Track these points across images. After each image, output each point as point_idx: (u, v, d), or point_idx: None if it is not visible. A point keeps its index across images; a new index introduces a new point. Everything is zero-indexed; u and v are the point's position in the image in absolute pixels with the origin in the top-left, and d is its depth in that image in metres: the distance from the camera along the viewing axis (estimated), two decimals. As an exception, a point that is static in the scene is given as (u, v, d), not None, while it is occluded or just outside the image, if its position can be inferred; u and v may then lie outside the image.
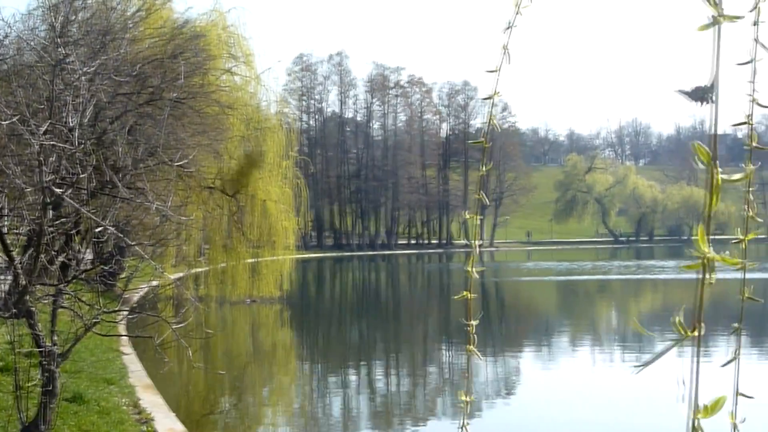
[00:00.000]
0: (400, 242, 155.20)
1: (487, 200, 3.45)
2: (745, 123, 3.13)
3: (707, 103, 1.35)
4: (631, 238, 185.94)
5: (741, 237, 3.25)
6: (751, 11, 2.97)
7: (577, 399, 23.39)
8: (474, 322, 3.38)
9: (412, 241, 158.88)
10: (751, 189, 3.25)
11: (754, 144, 3.24)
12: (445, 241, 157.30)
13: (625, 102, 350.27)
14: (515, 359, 32.63)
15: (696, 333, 1.31)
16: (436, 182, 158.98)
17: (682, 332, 1.33)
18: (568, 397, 23.83)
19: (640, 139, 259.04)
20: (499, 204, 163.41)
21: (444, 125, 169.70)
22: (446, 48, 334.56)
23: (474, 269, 3.45)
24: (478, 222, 3.48)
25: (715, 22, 1.29)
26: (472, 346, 3.37)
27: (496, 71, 3.26)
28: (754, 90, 3.05)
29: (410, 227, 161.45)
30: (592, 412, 21.47)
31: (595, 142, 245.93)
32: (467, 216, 3.49)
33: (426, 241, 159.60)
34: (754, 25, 2.98)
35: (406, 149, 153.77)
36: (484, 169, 3.50)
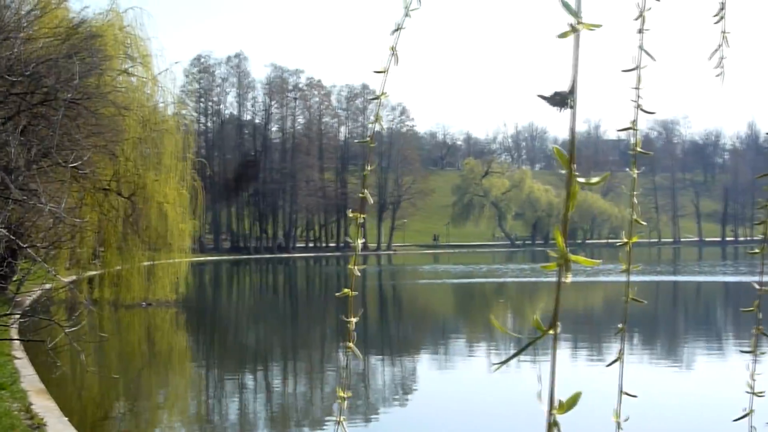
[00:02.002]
0: (298, 245, 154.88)
1: (371, 199, 3.50)
2: (629, 128, 3.23)
3: (567, 108, 1.40)
4: (527, 242, 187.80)
5: (626, 240, 3.35)
6: (635, 19, 3.07)
7: (471, 399, 23.57)
8: (354, 319, 3.43)
9: (310, 244, 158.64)
10: (636, 193, 3.35)
11: (638, 149, 3.34)
12: (343, 244, 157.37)
13: (521, 107, 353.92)
14: (410, 361, 32.84)
15: (553, 331, 1.37)
16: (335, 185, 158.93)
17: (541, 330, 1.38)
18: (461, 397, 24.01)
19: (536, 143, 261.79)
20: (397, 207, 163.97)
21: (343, 128, 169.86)
22: (345, 51, 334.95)
23: (356, 268, 3.50)
24: (362, 221, 3.53)
25: (573, 29, 1.35)
26: (351, 344, 3.41)
27: (383, 72, 3.31)
28: (638, 96, 3.15)
29: (308, 230, 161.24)
30: (484, 412, 21.66)
31: (492, 146, 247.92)
32: (351, 215, 3.54)
33: (324, 244, 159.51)
34: (639, 33, 3.08)
35: (304, 152, 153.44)
36: (368, 168, 3.54)
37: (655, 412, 19.65)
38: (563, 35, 1.38)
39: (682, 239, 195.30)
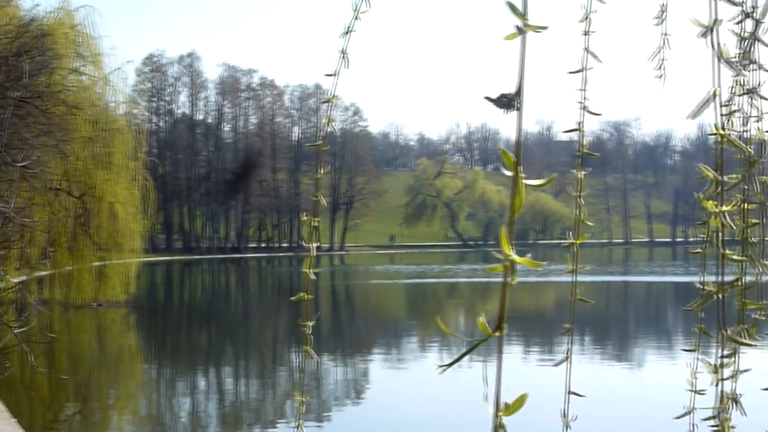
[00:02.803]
0: (250, 245, 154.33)
1: (324, 202, 3.52)
2: (576, 130, 3.26)
3: (513, 110, 1.41)
4: (479, 242, 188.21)
5: (573, 240, 3.38)
6: (581, 21, 3.10)
7: (422, 399, 23.61)
8: (310, 323, 3.43)
9: (263, 245, 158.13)
10: (583, 194, 3.38)
11: (585, 150, 3.37)
12: (295, 245, 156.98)
13: (474, 108, 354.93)
14: (362, 361, 32.86)
15: (499, 333, 1.38)
16: (287, 186, 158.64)
17: (486, 332, 1.39)
18: (412, 398, 24.05)
19: (489, 144, 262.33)
20: (350, 208, 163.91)
21: (296, 128, 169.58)
22: (299, 51, 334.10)
23: (311, 270, 3.51)
24: (316, 224, 3.54)
25: (520, 31, 1.36)
26: (307, 347, 3.42)
27: (334, 75, 3.32)
28: (584, 98, 3.18)
29: (261, 230, 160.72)
30: (438, 411, 21.71)
31: (445, 146, 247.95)
32: (304, 218, 3.55)
33: (277, 245, 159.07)
34: (585, 35, 3.11)
35: (257, 152, 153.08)
36: (321, 171, 3.56)
37: (602, 412, 19.80)
38: (510, 37, 1.39)
39: (632, 240, 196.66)
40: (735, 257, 1.81)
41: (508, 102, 1.44)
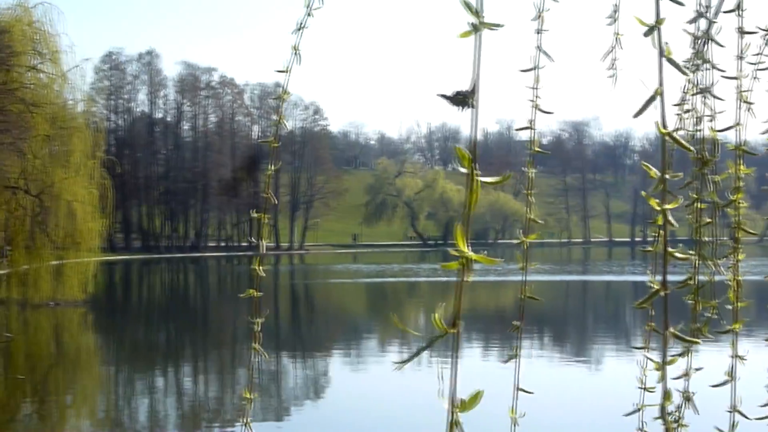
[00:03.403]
0: (209, 244, 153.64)
1: (275, 199, 3.51)
2: (527, 128, 3.27)
3: (468, 108, 1.41)
4: (439, 242, 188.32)
5: (523, 239, 3.39)
6: (533, 20, 3.10)
7: (381, 397, 23.64)
8: (259, 320, 3.43)
9: (222, 244, 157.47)
10: (534, 192, 3.39)
11: (536, 149, 3.38)
12: (255, 244, 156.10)
13: (435, 107, 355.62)
14: (321, 360, 32.87)
15: (454, 330, 1.38)
16: (247, 184, 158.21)
17: (441, 329, 1.39)
18: (370, 395, 24.07)
19: (449, 143, 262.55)
20: (310, 207, 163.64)
21: (255, 127, 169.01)
22: (258, 49, 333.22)
23: (260, 268, 3.51)
24: (266, 222, 3.54)
25: (475, 29, 1.36)
26: (256, 344, 3.41)
27: (286, 72, 3.31)
28: (536, 96, 3.19)
29: (220, 229, 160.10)
30: (391, 412, 21.73)
31: (406, 146, 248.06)
32: (254, 215, 3.55)
33: (236, 243, 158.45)
34: (537, 33, 3.11)
35: (216, 151, 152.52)
36: (272, 168, 3.55)
37: (556, 410, 19.90)
38: (464, 35, 1.39)
39: (592, 239, 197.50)
40: (679, 255, 1.81)
41: (462, 99, 1.44)
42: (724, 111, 3.02)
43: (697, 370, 3.10)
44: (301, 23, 3.16)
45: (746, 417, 3.15)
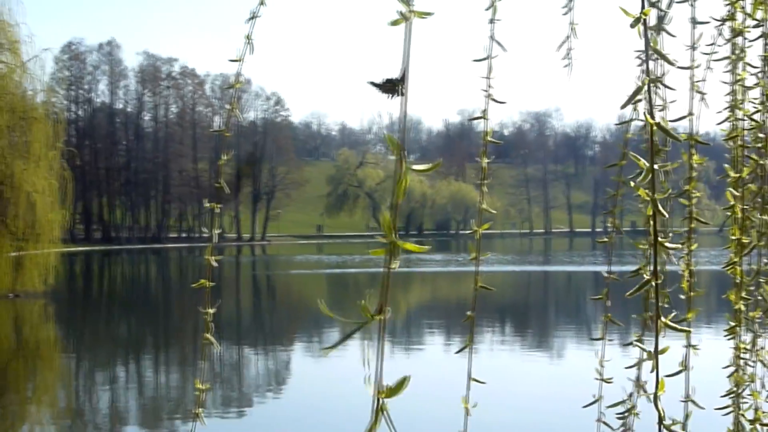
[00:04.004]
0: (171, 235, 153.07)
1: (227, 188, 3.52)
2: (481, 118, 3.27)
3: (397, 95, 1.41)
4: (400, 232, 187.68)
5: (476, 229, 3.40)
6: (487, 9, 3.11)
7: (338, 387, 23.64)
8: (211, 311, 3.42)
9: (184, 234, 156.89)
10: (485, 182, 3.40)
11: (489, 139, 3.39)
12: (217, 234, 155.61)
13: (397, 97, 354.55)
14: (285, 351, 32.87)
15: (381, 317, 1.38)
16: (208, 175, 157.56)
17: (368, 315, 1.39)
18: (328, 386, 24.06)
19: (411, 134, 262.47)
20: (271, 198, 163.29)
21: (217, 118, 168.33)
22: (219, 40, 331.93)
23: (212, 258, 3.51)
24: (218, 210, 3.54)
25: (404, 17, 1.36)
26: (208, 335, 3.41)
27: (238, 61, 3.30)
28: (489, 86, 3.19)
29: (181, 220, 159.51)
30: (355, 400, 21.74)
31: (367, 137, 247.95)
32: (207, 205, 3.55)
33: (197, 234, 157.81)
34: (490, 23, 3.12)
35: (177, 142, 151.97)
36: (224, 158, 3.55)
37: (509, 400, 20.01)
38: (394, 23, 1.39)
39: (553, 230, 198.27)
40: (669, 245, 1.82)
41: (392, 87, 1.44)
42: (675, 101, 3.03)
43: (645, 360, 3.12)
44: (253, 12, 3.16)
45: (700, 406, 3.17)
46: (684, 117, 3.11)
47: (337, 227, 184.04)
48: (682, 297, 3.19)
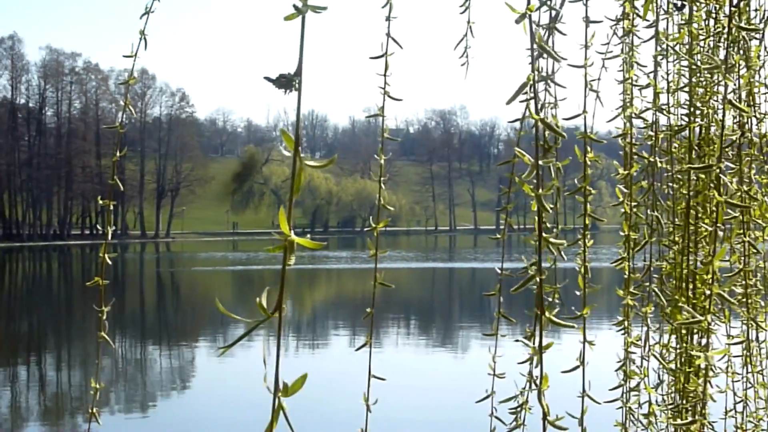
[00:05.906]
0: (74, 232, 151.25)
1: (121, 186, 3.49)
2: (378, 115, 3.28)
3: (292, 91, 1.41)
4: (306, 230, 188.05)
5: (374, 225, 3.41)
6: (383, 7, 3.11)
7: (247, 386, 23.58)
8: (105, 309, 3.40)
9: (87, 231, 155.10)
10: (385, 179, 3.41)
11: (386, 136, 3.40)
12: (120, 232, 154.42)
13: (303, 94, 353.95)
14: (188, 349, 32.71)
15: (278, 315, 1.38)
16: (112, 172, 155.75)
17: (265, 314, 1.39)
18: (236, 384, 24.00)
19: (317, 131, 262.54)
20: (176, 195, 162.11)
21: (120, 114, 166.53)
22: (124, 35, 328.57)
23: (108, 256, 3.48)
24: (112, 208, 3.50)
25: (299, 11, 1.35)
26: (103, 333, 3.38)
27: (132, 57, 3.28)
28: (386, 83, 3.20)
29: (84, 217, 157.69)
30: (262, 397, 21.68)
31: (273, 134, 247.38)
32: (101, 202, 3.52)
33: (100, 231, 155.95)
34: (387, 20, 3.13)
35: (80, 137, 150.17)
36: (118, 154, 3.52)
37: (411, 395, 20.15)
38: (289, 17, 1.38)
39: (458, 227, 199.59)
40: (553, 240, 1.84)
41: (287, 82, 1.44)
42: (565, 98, 3.07)
43: (537, 354, 3.14)
44: (147, 8, 3.13)
45: (596, 401, 3.21)
46: (578, 115, 3.14)
47: (244, 224, 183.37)
48: (578, 293, 3.22)
